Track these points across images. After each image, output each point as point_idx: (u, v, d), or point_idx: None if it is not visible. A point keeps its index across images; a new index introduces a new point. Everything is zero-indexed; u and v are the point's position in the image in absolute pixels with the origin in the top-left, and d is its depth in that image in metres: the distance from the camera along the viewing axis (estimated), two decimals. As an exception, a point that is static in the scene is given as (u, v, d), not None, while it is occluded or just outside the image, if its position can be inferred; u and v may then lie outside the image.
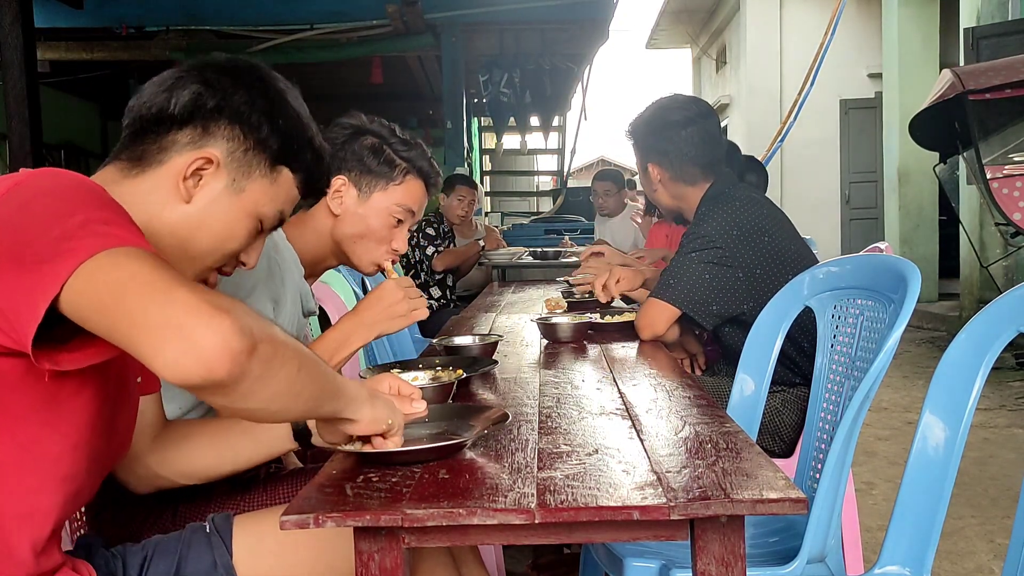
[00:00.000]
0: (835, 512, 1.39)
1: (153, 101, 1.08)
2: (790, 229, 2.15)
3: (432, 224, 4.79)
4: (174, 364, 0.78)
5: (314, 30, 7.23)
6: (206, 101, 1.08)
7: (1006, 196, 4.76)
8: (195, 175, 1.06)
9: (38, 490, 0.95)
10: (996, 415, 4.43)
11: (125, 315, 0.80)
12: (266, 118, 1.10)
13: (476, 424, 1.16)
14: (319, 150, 1.18)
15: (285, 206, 1.16)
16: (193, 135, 1.07)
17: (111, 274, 0.82)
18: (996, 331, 1.27)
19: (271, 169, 1.11)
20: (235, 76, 1.11)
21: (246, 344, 0.80)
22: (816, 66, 7.80)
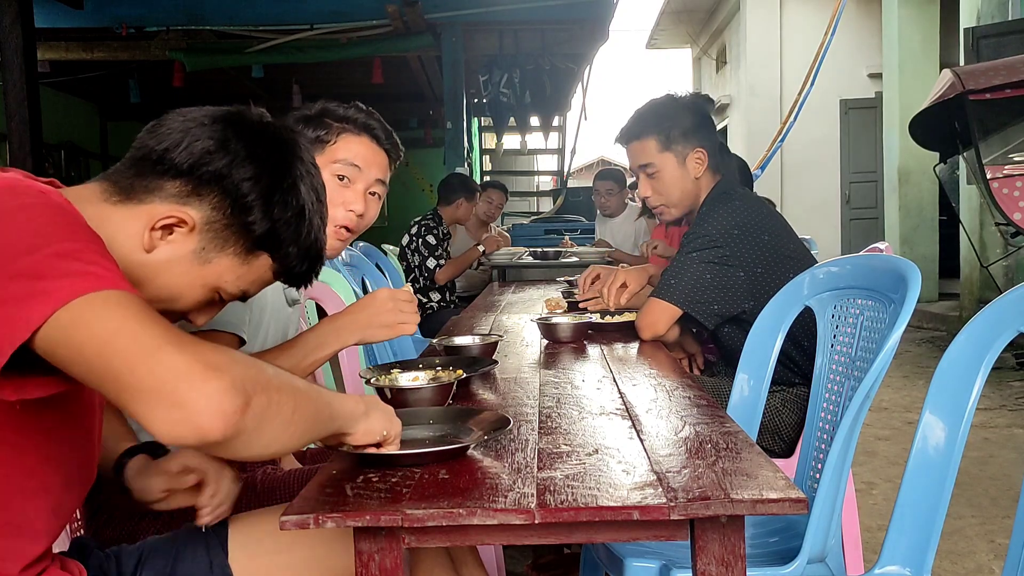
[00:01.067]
0: (835, 512, 1.39)
1: (167, 137, 1.02)
2: (788, 229, 2.16)
3: (432, 231, 4.73)
4: (167, 430, 0.78)
5: (314, 30, 7.23)
6: (210, 162, 1.01)
7: (1006, 196, 4.76)
8: (165, 229, 1.00)
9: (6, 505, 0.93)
10: (996, 415, 4.43)
11: (111, 376, 0.79)
12: (262, 202, 1.03)
13: (477, 427, 1.16)
14: (309, 247, 1.09)
15: (251, 287, 1.09)
16: (182, 189, 1.01)
17: (92, 328, 0.79)
18: (996, 331, 1.27)
19: (247, 252, 1.04)
20: (255, 144, 1.04)
21: (239, 403, 0.80)
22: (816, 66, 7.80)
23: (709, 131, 2.19)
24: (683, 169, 2.16)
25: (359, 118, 1.65)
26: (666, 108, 2.18)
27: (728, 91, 13.38)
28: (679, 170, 2.16)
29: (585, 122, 10.59)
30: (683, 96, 2.23)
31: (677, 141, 2.14)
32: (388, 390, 1.36)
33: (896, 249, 7.87)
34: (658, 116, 2.17)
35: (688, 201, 2.20)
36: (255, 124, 1.07)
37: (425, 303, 4.72)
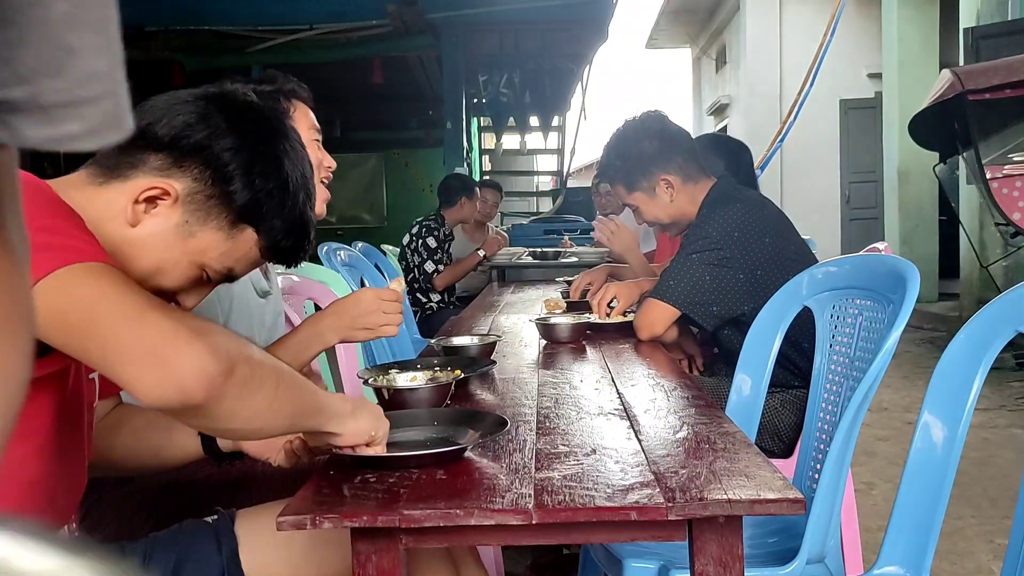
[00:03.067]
0: (834, 512, 1.39)
1: (149, 113, 1.04)
2: (791, 230, 2.15)
3: (433, 232, 4.71)
4: (151, 390, 0.79)
5: (314, 30, 7.23)
6: (191, 134, 1.02)
7: (1006, 196, 4.76)
8: (149, 202, 1.01)
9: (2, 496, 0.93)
10: (996, 415, 4.43)
11: (97, 340, 0.80)
12: (242, 172, 1.03)
13: (475, 428, 1.16)
14: (294, 221, 1.09)
15: (237, 265, 1.08)
16: (164, 162, 1.02)
17: (75, 295, 0.80)
18: (995, 331, 1.27)
19: (231, 225, 1.04)
20: (237, 118, 1.05)
21: (223, 367, 0.80)
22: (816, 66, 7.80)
23: (668, 151, 2.17)
24: (656, 199, 2.21)
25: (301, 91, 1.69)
26: (620, 148, 2.21)
27: (728, 91, 13.38)
28: (653, 202, 2.22)
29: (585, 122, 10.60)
30: (633, 127, 2.21)
31: (638, 180, 2.20)
32: (386, 390, 1.36)
33: (896, 249, 7.87)
34: (617, 159, 2.22)
35: (680, 218, 2.24)
36: (238, 101, 1.08)
37: (425, 303, 4.72)
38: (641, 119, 2.22)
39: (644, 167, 2.18)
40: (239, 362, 0.83)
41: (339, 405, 1.03)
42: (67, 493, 1.05)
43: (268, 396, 0.88)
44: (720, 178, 2.23)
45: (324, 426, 1.02)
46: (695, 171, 2.20)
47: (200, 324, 0.82)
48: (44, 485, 0.99)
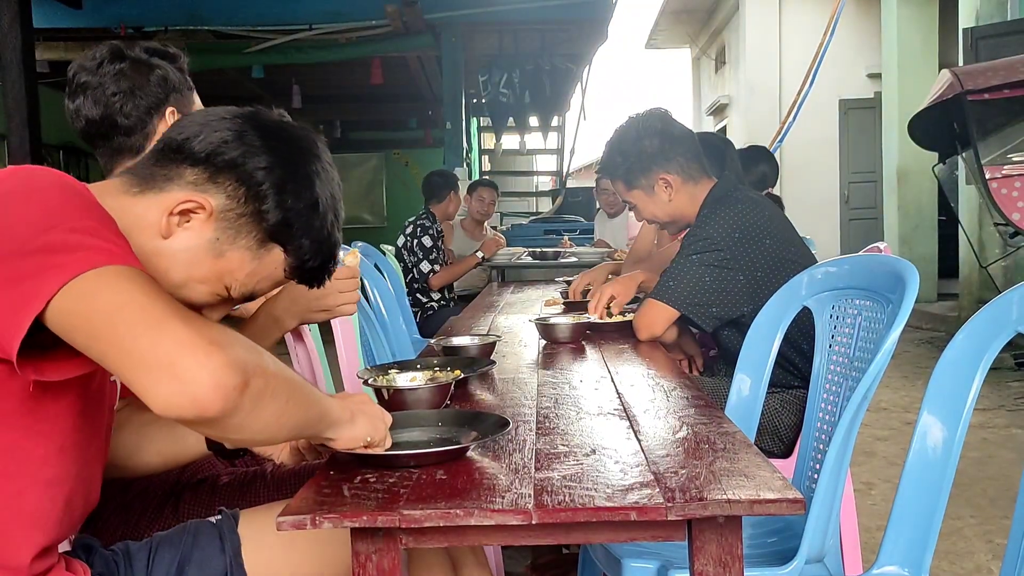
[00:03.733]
0: (833, 512, 1.39)
1: (185, 129, 1.05)
2: (791, 232, 2.15)
3: (428, 231, 4.70)
4: (165, 401, 0.79)
5: (313, 30, 7.23)
6: (226, 151, 1.03)
7: (1005, 196, 4.76)
8: (183, 215, 1.01)
9: (21, 493, 0.95)
10: (995, 415, 4.43)
11: (116, 345, 0.80)
12: (275, 191, 1.03)
13: (475, 428, 1.16)
14: (322, 242, 1.09)
15: (261, 285, 1.08)
16: (199, 177, 1.03)
17: (101, 298, 0.81)
18: (994, 331, 1.27)
19: (260, 244, 1.05)
20: (271, 137, 1.06)
21: (238, 381, 0.81)
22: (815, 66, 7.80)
23: (668, 150, 2.17)
24: (654, 197, 2.21)
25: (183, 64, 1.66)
26: (621, 145, 2.21)
27: (727, 91, 13.37)
28: (651, 200, 2.22)
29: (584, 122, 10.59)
30: (636, 124, 2.21)
31: (637, 177, 2.20)
32: (386, 391, 1.36)
33: (895, 249, 7.87)
34: (618, 156, 2.22)
35: (678, 218, 2.24)
36: (272, 121, 1.09)
37: (425, 303, 4.72)
38: (644, 117, 2.22)
39: (644, 165, 2.18)
40: (254, 375, 0.83)
41: (338, 412, 1.04)
42: (83, 496, 1.06)
43: (279, 408, 0.89)
44: (720, 178, 2.22)
45: (323, 433, 1.03)
46: (696, 171, 2.20)
47: (219, 335, 0.82)
48: (62, 487, 0.99)
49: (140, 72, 1.59)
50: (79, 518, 1.07)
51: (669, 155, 2.17)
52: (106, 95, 1.57)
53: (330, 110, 11.10)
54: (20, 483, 0.94)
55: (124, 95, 1.57)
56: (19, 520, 0.95)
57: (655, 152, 2.17)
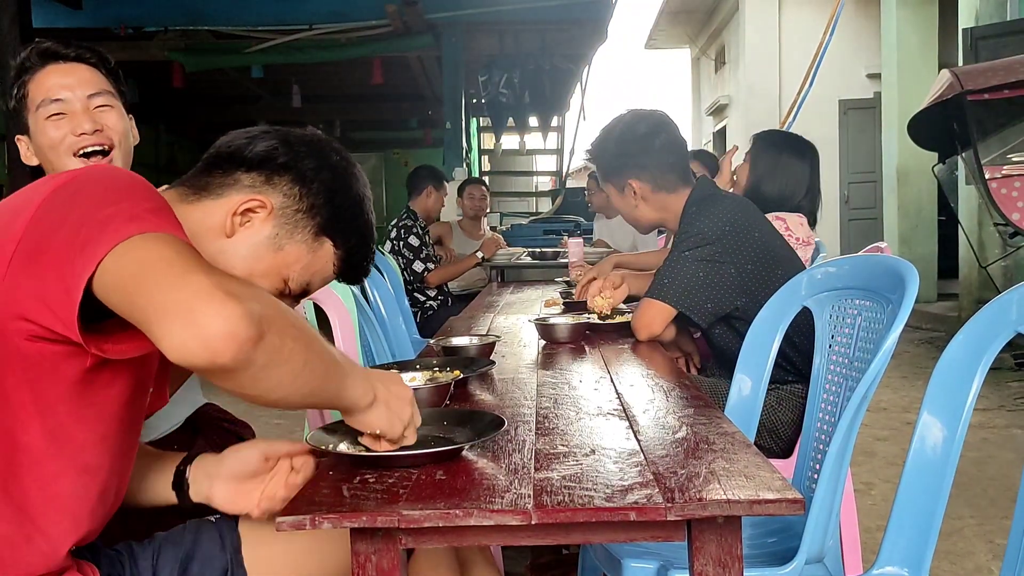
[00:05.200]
0: (833, 513, 1.39)
1: (234, 142, 1.14)
2: (774, 230, 2.18)
3: (412, 231, 4.67)
4: (180, 346, 0.80)
5: (313, 30, 7.22)
6: (279, 156, 1.12)
7: (1005, 196, 4.76)
8: (245, 214, 1.09)
9: (58, 475, 0.98)
10: (995, 415, 4.43)
11: (142, 294, 0.83)
12: (325, 188, 1.13)
13: (474, 428, 1.16)
14: (366, 236, 1.19)
15: (315, 279, 1.16)
16: (256, 180, 1.11)
17: (137, 254, 0.85)
18: (994, 331, 1.27)
19: (314, 238, 1.13)
20: (313, 146, 1.16)
21: (252, 333, 0.82)
22: (815, 66, 7.80)
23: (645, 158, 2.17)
24: (623, 197, 2.25)
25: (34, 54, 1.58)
26: (608, 136, 2.24)
27: (727, 91, 13.38)
28: (620, 198, 2.27)
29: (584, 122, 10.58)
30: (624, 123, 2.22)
31: (610, 175, 2.25)
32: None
33: (895, 249, 7.87)
34: (599, 148, 2.26)
35: (641, 223, 2.29)
36: (305, 133, 1.19)
37: (424, 302, 4.72)
38: (632, 119, 2.22)
39: (618, 166, 2.22)
40: (270, 331, 0.84)
41: (360, 394, 1.02)
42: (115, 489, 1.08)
43: (295, 369, 0.89)
44: (698, 180, 2.24)
45: (337, 407, 1.03)
46: (673, 181, 2.19)
47: (241, 288, 0.84)
48: (96, 477, 1.02)
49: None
50: (108, 513, 1.09)
51: (643, 163, 2.18)
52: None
53: (330, 110, 11.09)
54: (56, 465, 0.97)
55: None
56: (55, 505, 0.98)
57: (629, 157, 2.19)
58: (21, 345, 0.91)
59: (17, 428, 0.94)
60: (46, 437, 0.95)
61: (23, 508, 0.96)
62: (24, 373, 0.93)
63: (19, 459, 0.95)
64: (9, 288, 0.90)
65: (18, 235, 0.91)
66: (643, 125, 2.20)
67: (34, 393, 0.94)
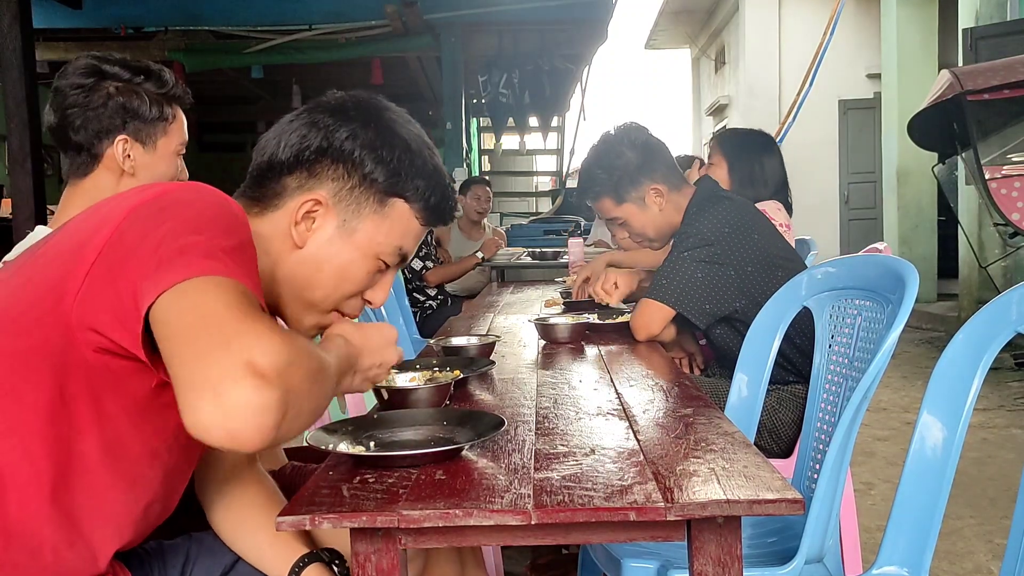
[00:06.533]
0: (833, 512, 1.39)
1: (266, 148, 1.11)
2: (775, 230, 2.18)
3: None
4: (205, 427, 0.77)
5: (313, 30, 7.23)
6: (310, 143, 1.09)
7: (1004, 196, 4.76)
8: (306, 218, 1.07)
9: (109, 487, 0.96)
10: (995, 415, 4.43)
11: (178, 354, 0.80)
12: (368, 151, 1.09)
13: (474, 428, 1.16)
14: (432, 175, 1.14)
15: (404, 240, 1.13)
16: (300, 179, 1.09)
17: (193, 300, 0.82)
18: (994, 331, 1.27)
19: (381, 204, 1.10)
20: (340, 112, 1.11)
21: (277, 419, 0.79)
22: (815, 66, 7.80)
23: (653, 159, 2.17)
24: (646, 210, 2.19)
25: (185, 96, 1.67)
26: (606, 160, 2.19)
27: (727, 91, 13.38)
28: (643, 213, 2.20)
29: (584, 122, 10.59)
30: (615, 138, 2.20)
31: (627, 191, 2.18)
32: (385, 391, 1.36)
33: (895, 249, 7.87)
34: (602, 172, 2.19)
35: (666, 229, 2.23)
36: (332, 100, 1.14)
37: (423, 302, 4.72)
38: (622, 130, 2.22)
39: (632, 177, 2.17)
40: (292, 405, 0.81)
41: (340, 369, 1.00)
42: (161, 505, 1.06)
43: (307, 419, 0.87)
44: (700, 180, 2.25)
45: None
46: (678, 179, 2.22)
47: (276, 362, 0.79)
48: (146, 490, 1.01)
49: (102, 93, 1.57)
50: (152, 525, 1.08)
51: (653, 165, 2.18)
52: (64, 105, 1.57)
53: (330, 110, 11.08)
54: (110, 477, 0.96)
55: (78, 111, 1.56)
56: (102, 514, 0.97)
57: (641, 163, 2.17)
58: (88, 356, 0.90)
59: (74, 436, 0.93)
60: (102, 448, 0.94)
61: (70, 515, 0.95)
62: (88, 383, 0.91)
63: (73, 466, 0.93)
64: (85, 297, 0.88)
65: (100, 245, 0.89)
66: (634, 133, 2.20)
67: (95, 404, 0.92)
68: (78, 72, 1.58)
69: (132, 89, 1.60)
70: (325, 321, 1.13)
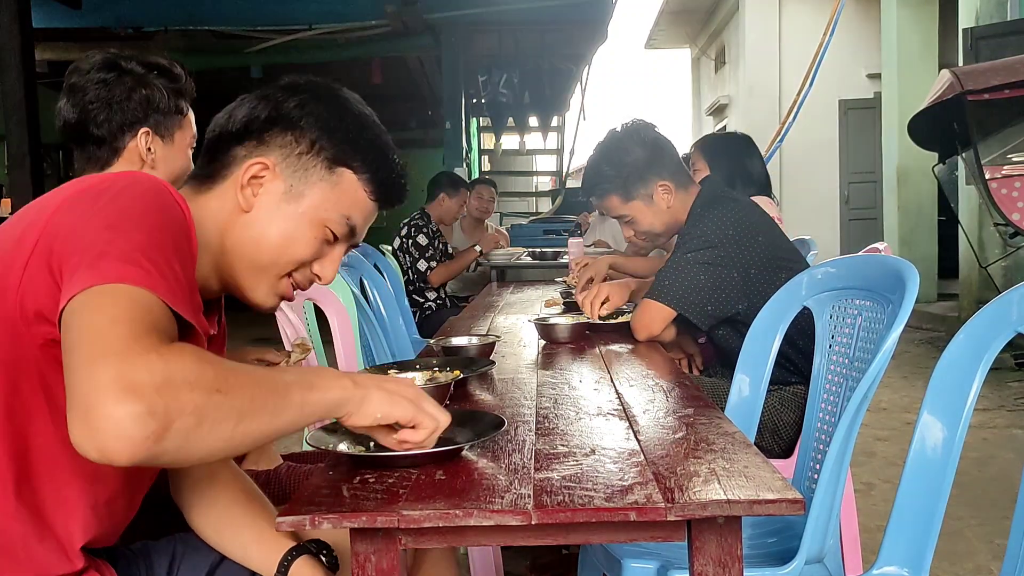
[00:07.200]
0: (833, 513, 1.39)
1: (216, 124, 1.13)
2: (781, 232, 2.17)
3: (422, 230, 4.69)
4: (77, 444, 0.78)
5: (313, 31, 7.24)
6: (260, 113, 1.10)
7: (1005, 196, 4.76)
8: (252, 182, 1.08)
9: (70, 480, 0.98)
10: (995, 416, 4.43)
11: (65, 365, 0.81)
12: (317, 119, 1.10)
13: (474, 428, 1.16)
14: (381, 149, 1.14)
15: (352, 212, 1.12)
16: (249, 147, 1.09)
17: (86, 312, 0.82)
18: (994, 331, 1.27)
19: (329, 171, 1.10)
20: (292, 88, 1.13)
21: (150, 431, 0.77)
22: (815, 66, 7.81)
23: (662, 157, 2.17)
24: (654, 207, 2.18)
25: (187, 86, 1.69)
26: (611, 157, 2.18)
27: (727, 91, 13.38)
28: (651, 210, 2.19)
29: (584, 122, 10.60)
30: (622, 135, 2.20)
31: (636, 187, 2.17)
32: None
33: (895, 249, 7.86)
34: (610, 168, 2.18)
35: (673, 226, 2.23)
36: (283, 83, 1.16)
37: (423, 303, 4.71)
38: (630, 128, 2.21)
39: (640, 173, 2.16)
40: (180, 416, 0.78)
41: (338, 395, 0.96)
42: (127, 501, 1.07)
43: (227, 433, 0.83)
44: (705, 180, 2.24)
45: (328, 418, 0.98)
46: (684, 177, 2.22)
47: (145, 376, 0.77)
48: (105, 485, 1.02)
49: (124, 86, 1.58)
50: (119, 523, 1.08)
51: (662, 162, 2.18)
52: (84, 100, 1.57)
53: (330, 110, 11.08)
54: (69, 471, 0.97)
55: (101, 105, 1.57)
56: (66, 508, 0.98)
57: (649, 160, 2.17)
58: (37, 351, 0.92)
59: (31, 431, 0.94)
60: (59, 442, 0.94)
61: (35, 509, 0.96)
62: (39, 378, 0.93)
63: (32, 461, 0.95)
64: (27, 289, 0.89)
65: (36, 237, 0.90)
66: (642, 130, 2.20)
67: (48, 398, 0.94)
68: (97, 67, 1.59)
69: (150, 83, 1.61)
70: (280, 288, 1.13)
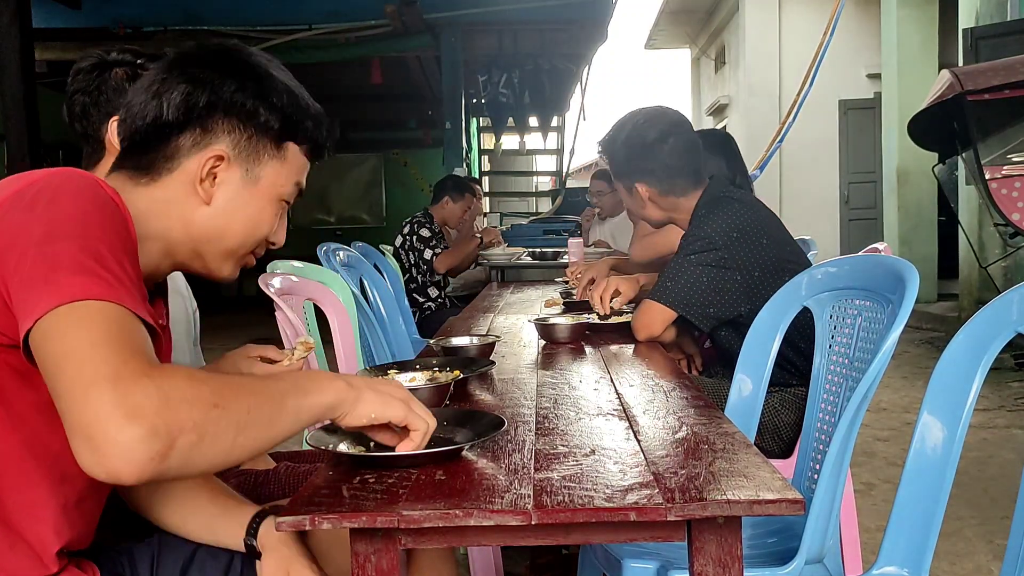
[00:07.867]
0: (833, 513, 1.39)
1: (145, 110, 1.07)
2: (786, 233, 2.15)
3: (425, 225, 4.77)
4: (87, 468, 0.79)
5: (313, 30, 7.24)
6: (197, 99, 1.06)
7: (1005, 197, 4.75)
8: (210, 175, 1.07)
9: (36, 484, 0.97)
10: (995, 416, 4.43)
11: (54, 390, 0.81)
12: (260, 101, 1.09)
13: (474, 428, 1.16)
14: (316, 115, 1.16)
15: (300, 176, 1.16)
16: (195, 136, 1.07)
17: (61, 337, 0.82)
18: (994, 332, 1.27)
19: (277, 148, 1.12)
20: (217, 66, 1.09)
21: (155, 451, 0.78)
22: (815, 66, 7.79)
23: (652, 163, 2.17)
24: (632, 197, 2.26)
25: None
26: (619, 135, 2.23)
27: (727, 91, 13.38)
28: (629, 198, 2.29)
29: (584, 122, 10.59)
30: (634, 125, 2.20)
31: (620, 174, 2.27)
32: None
33: (895, 249, 7.87)
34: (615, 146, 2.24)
35: (654, 220, 2.29)
36: (201, 53, 1.11)
37: (423, 303, 4.72)
38: (643, 122, 2.19)
39: (627, 170, 2.22)
40: (182, 433, 0.80)
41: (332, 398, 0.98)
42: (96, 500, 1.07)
43: (226, 447, 0.85)
44: (711, 179, 2.22)
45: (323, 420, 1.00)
46: (682, 185, 2.18)
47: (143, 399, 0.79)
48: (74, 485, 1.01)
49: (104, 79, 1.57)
50: (91, 522, 1.08)
51: (650, 168, 2.17)
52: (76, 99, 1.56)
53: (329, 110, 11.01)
54: (34, 475, 0.97)
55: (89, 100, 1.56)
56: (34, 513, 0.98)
57: (637, 162, 2.19)
58: None
59: None
60: (22, 446, 0.95)
61: (3, 516, 0.96)
62: None
63: None
64: None
65: None
66: (653, 130, 2.16)
67: (5, 404, 0.93)
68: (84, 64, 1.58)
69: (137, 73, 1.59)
70: (243, 262, 1.17)
